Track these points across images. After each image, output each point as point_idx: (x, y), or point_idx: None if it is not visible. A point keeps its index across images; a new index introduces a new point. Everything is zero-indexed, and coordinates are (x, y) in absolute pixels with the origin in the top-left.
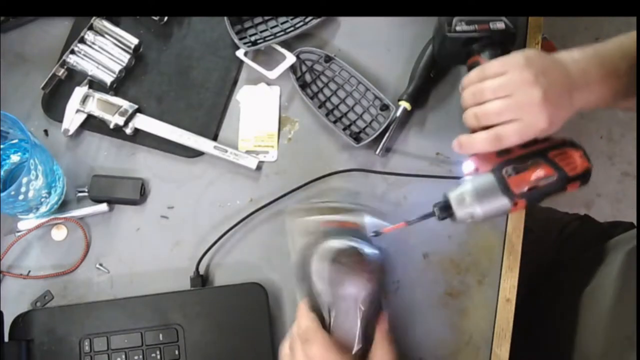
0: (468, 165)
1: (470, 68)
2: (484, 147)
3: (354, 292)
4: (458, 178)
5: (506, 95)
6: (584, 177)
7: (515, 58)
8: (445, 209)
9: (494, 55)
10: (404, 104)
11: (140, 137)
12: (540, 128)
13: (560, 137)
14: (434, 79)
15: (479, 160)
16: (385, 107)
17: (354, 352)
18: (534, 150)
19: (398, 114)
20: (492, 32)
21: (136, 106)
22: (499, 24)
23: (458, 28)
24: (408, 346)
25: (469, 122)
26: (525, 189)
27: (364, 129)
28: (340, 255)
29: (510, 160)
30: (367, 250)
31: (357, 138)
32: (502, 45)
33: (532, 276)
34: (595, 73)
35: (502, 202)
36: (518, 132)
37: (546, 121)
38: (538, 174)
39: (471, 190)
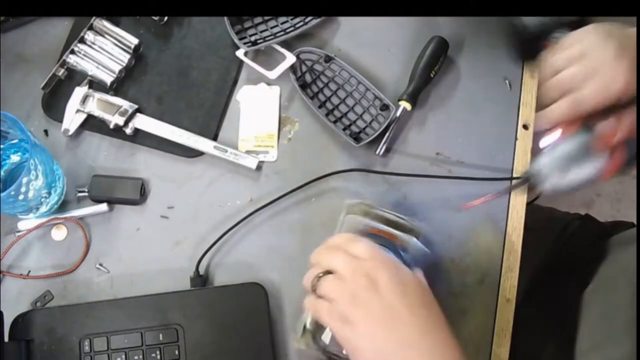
0: (548, 139)
1: None
2: (564, 113)
3: None
4: (458, 178)
5: (579, 59)
6: None
7: (580, 30)
8: (530, 180)
9: None
10: (404, 104)
11: (140, 137)
12: (618, 86)
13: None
14: (434, 79)
15: (560, 130)
16: (385, 107)
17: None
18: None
19: (398, 114)
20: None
21: (136, 106)
22: None
23: (530, 22)
24: None
25: (548, 93)
26: (612, 146)
27: (364, 129)
28: None
29: (592, 122)
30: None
31: (357, 138)
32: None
33: (532, 276)
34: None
35: (592, 165)
36: (597, 92)
37: (623, 76)
38: (621, 134)
39: (559, 158)
